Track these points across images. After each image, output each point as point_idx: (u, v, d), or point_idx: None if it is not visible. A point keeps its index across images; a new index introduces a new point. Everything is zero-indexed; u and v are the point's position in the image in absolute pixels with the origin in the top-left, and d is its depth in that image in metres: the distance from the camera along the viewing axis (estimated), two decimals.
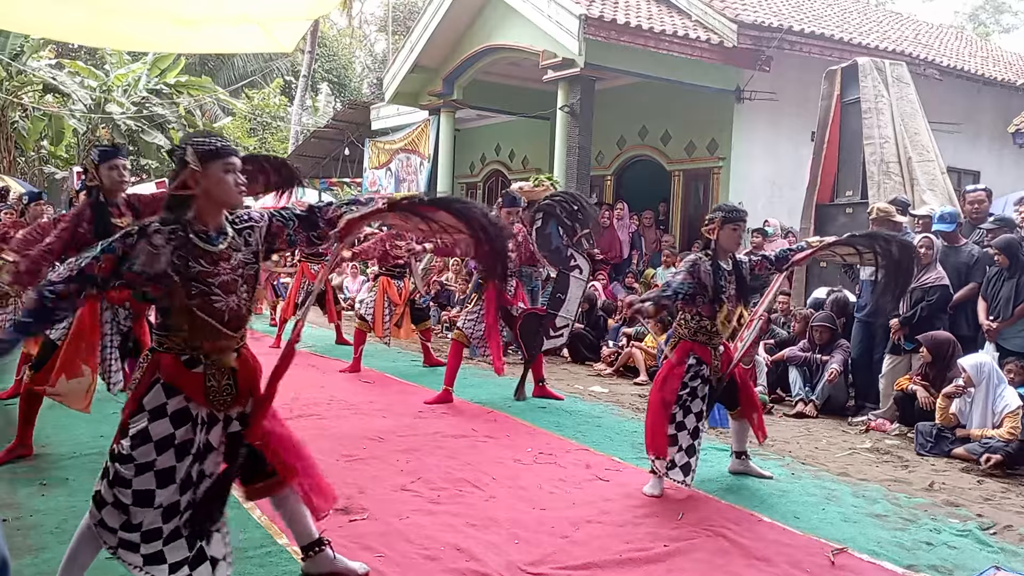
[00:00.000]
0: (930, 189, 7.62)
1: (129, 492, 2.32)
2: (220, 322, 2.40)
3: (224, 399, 2.46)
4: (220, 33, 5.74)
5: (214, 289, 2.38)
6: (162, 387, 2.40)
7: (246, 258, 2.47)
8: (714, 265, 4.05)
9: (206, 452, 2.45)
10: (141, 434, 2.35)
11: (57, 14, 5.15)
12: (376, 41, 37.51)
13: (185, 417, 2.40)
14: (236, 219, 2.50)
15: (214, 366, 2.43)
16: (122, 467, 2.33)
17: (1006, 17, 36.38)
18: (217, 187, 2.38)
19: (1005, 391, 5.14)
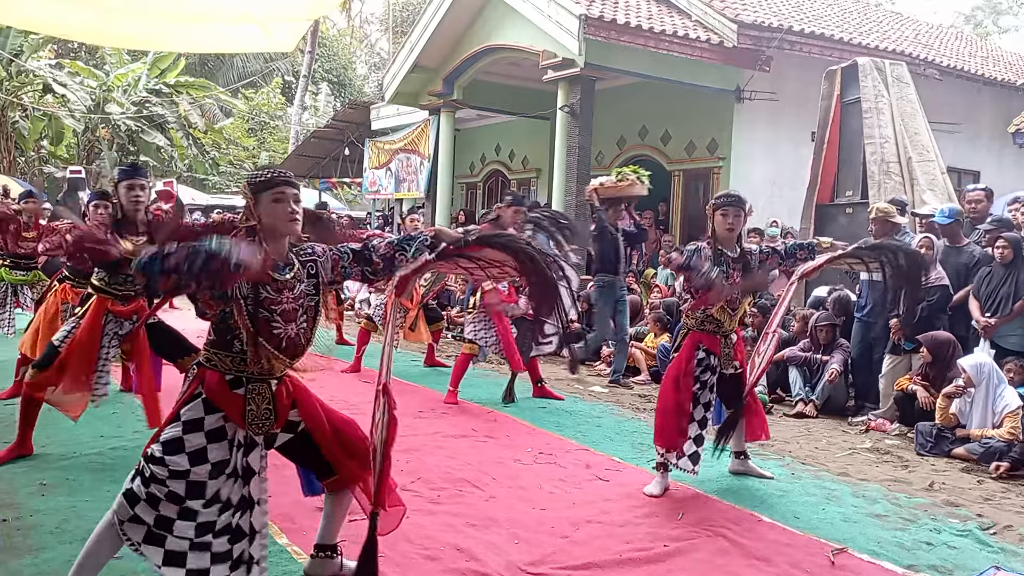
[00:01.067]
0: (930, 189, 7.63)
1: (165, 490, 2.34)
2: (277, 348, 2.47)
3: (263, 423, 2.49)
4: (220, 33, 5.74)
5: (275, 316, 2.46)
6: (203, 402, 2.44)
7: (308, 289, 2.55)
8: (715, 252, 4.05)
9: (247, 476, 2.47)
10: (174, 441, 2.38)
11: (59, 11, 5.16)
12: (377, 41, 37.52)
13: (220, 435, 2.43)
14: (301, 251, 2.58)
15: (255, 391, 2.48)
16: (156, 468, 2.35)
17: (1003, 18, 36.37)
18: (268, 216, 2.46)
19: (1005, 391, 5.14)
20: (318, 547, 2.86)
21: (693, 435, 4.04)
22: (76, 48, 24.07)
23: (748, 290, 4.23)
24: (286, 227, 2.48)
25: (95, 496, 3.61)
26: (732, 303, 4.08)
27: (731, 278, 4.03)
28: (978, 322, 5.86)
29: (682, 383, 4.02)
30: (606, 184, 7.13)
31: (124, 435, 4.69)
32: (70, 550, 2.99)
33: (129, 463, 4.11)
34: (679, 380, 4.03)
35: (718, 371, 4.12)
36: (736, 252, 4.09)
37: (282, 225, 2.48)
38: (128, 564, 2.86)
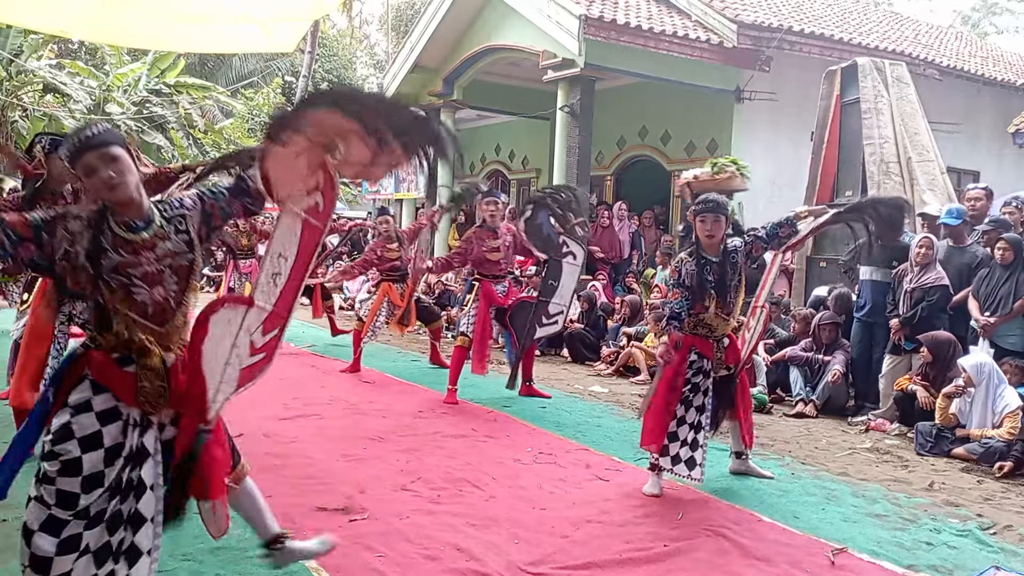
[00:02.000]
0: (930, 189, 7.63)
1: (53, 490, 2.17)
2: (142, 315, 2.25)
3: (157, 401, 2.29)
4: (221, 33, 5.75)
5: (135, 280, 2.23)
6: (90, 383, 2.25)
7: (176, 247, 2.31)
8: (698, 261, 4.01)
9: (140, 457, 2.28)
10: (62, 428, 2.20)
11: (60, 10, 5.17)
12: (377, 42, 37.54)
13: (113, 416, 2.25)
14: (167, 206, 2.35)
15: (146, 366, 2.27)
16: (47, 464, 2.18)
17: (999, 19, 36.37)
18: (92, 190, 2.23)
19: (1005, 391, 5.15)
20: (265, 544, 2.72)
21: (689, 440, 4.02)
22: (76, 48, 24.07)
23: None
24: (110, 197, 2.20)
25: None
26: (726, 308, 4.05)
27: (718, 282, 4.01)
28: (977, 321, 5.86)
29: (673, 386, 4.00)
30: (701, 177, 6.33)
31: None
32: None
33: None
34: (671, 383, 4.02)
35: (711, 375, 4.09)
36: (720, 256, 4.04)
37: (107, 196, 2.20)
38: None
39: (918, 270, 6.05)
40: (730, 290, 4.04)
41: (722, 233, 4.01)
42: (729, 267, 4.03)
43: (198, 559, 2.99)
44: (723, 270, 4.02)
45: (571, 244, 6.10)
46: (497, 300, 6.25)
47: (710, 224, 3.97)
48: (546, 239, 6.03)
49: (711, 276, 4.00)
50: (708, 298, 4.00)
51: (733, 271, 4.04)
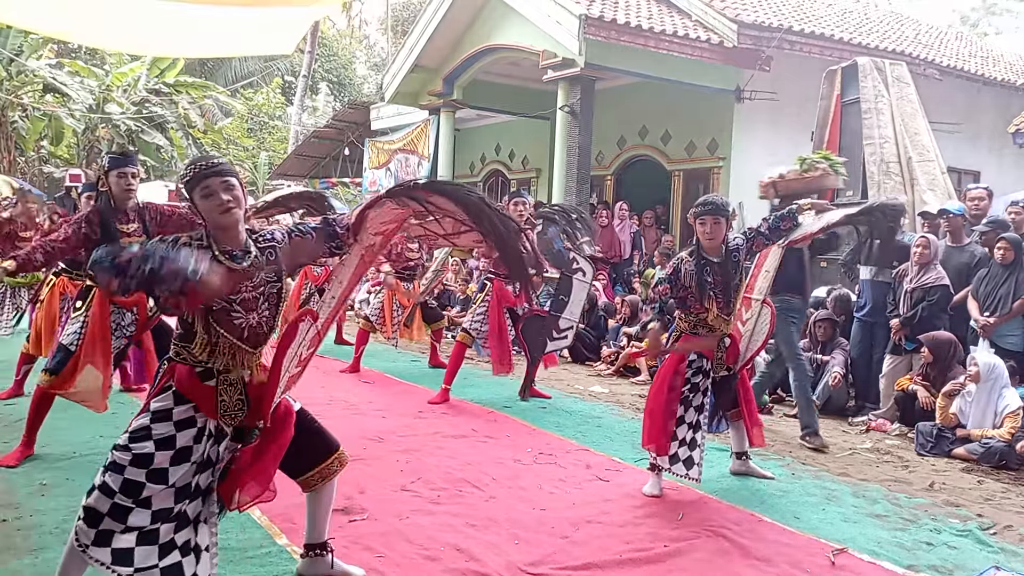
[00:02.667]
0: (930, 189, 7.63)
1: (120, 479, 2.30)
2: (239, 338, 2.43)
3: (235, 414, 2.47)
4: (220, 36, 5.74)
5: (235, 306, 2.42)
6: (173, 394, 2.41)
7: (268, 276, 2.50)
8: (698, 262, 3.98)
9: (206, 466, 2.45)
10: (142, 430, 2.36)
11: (59, 15, 5.16)
12: (377, 43, 37.53)
13: (189, 424, 2.41)
14: (259, 238, 2.54)
15: (226, 381, 2.45)
16: (119, 454, 2.33)
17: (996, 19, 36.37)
18: (206, 213, 2.42)
19: (1007, 391, 5.15)
20: (307, 546, 2.85)
21: (687, 439, 4.00)
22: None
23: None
24: (222, 220, 2.40)
25: None
26: (726, 308, 4.02)
27: (718, 284, 3.98)
28: (977, 321, 5.86)
29: (672, 385, 3.99)
30: (788, 176, 5.71)
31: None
32: None
33: None
34: (670, 382, 4.00)
35: (710, 375, 4.07)
36: (722, 256, 4.00)
37: (218, 219, 2.40)
38: None
39: (918, 270, 6.05)
40: (731, 290, 4.02)
41: (723, 235, 3.97)
42: (731, 267, 4.00)
43: None
44: (724, 271, 3.99)
45: (580, 261, 6.24)
46: (510, 300, 6.26)
47: (710, 226, 3.93)
48: (557, 255, 6.14)
49: (711, 277, 3.96)
50: (709, 299, 3.97)
51: (735, 271, 4.02)
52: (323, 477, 2.76)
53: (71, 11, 5.09)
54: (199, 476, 2.43)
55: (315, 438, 2.77)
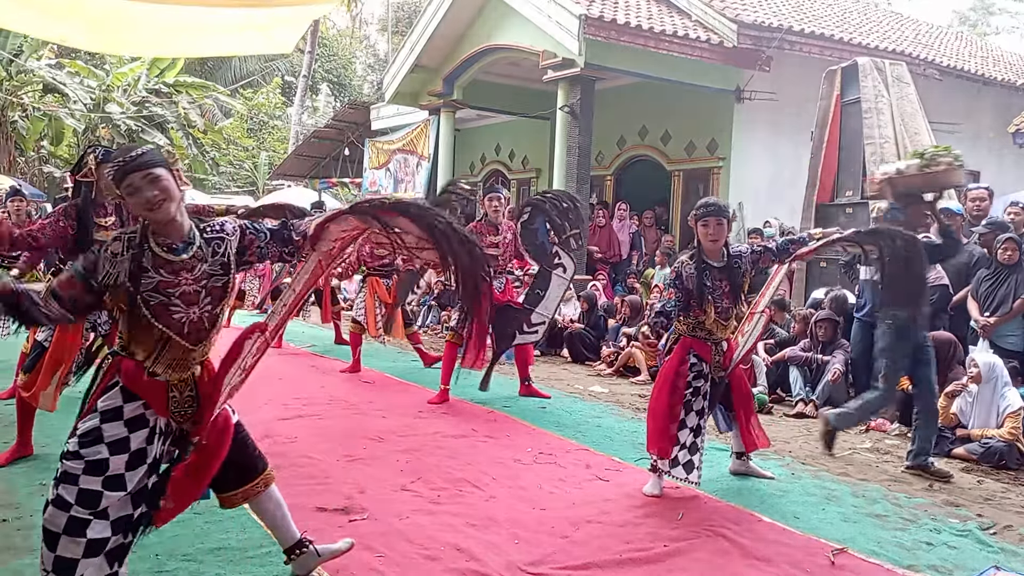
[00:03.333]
0: None
1: (75, 490, 2.21)
2: (178, 334, 2.34)
3: (186, 411, 2.41)
4: (219, 36, 5.74)
5: (173, 299, 2.33)
6: (120, 390, 2.34)
7: (212, 270, 2.40)
8: (699, 266, 3.97)
9: (158, 465, 2.39)
10: (92, 432, 2.28)
11: (58, 19, 5.16)
12: (377, 42, 37.52)
13: (141, 424, 2.34)
14: (207, 228, 2.45)
15: (178, 378, 2.39)
16: (69, 463, 2.24)
17: (995, 19, 36.38)
18: (134, 208, 2.35)
19: (1007, 391, 5.15)
20: (287, 552, 2.79)
21: (688, 443, 4.00)
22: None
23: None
24: (152, 216, 2.32)
25: None
26: (724, 314, 4.01)
27: (719, 288, 3.97)
28: (977, 322, 5.86)
29: (674, 388, 3.99)
30: (907, 171, 5.05)
31: None
32: None
33: None
34: (672, 385, 4.00)
35: (708, 378, 4.07)
36: (723, 261, 3.99)
37: (148, 216, 2.32)
38: (128, 565, 2.86)
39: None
40: (728, 296, 4.00)
41: (725, 237, 3.96)
42: (731, 273, 3.98)
43: (198, 559, 2.99)
44: (724, 276, 3.98)
45: (563, 256, 6.08)
46: (493, 296, 6.22)
47: (713, 228, 3.91)
48: (539, 247, 6.03)
49: (710, 282, 3.96)
50: (707, 303, 3.97)
51: (736, 277, 4.00)
52: (246, 498, 2.66)
53: (71, 16, 5.08)
54: (149, 478, 2.36)
55: (245, 456, 2.64)
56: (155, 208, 2.30)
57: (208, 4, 4.98)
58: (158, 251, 2.33)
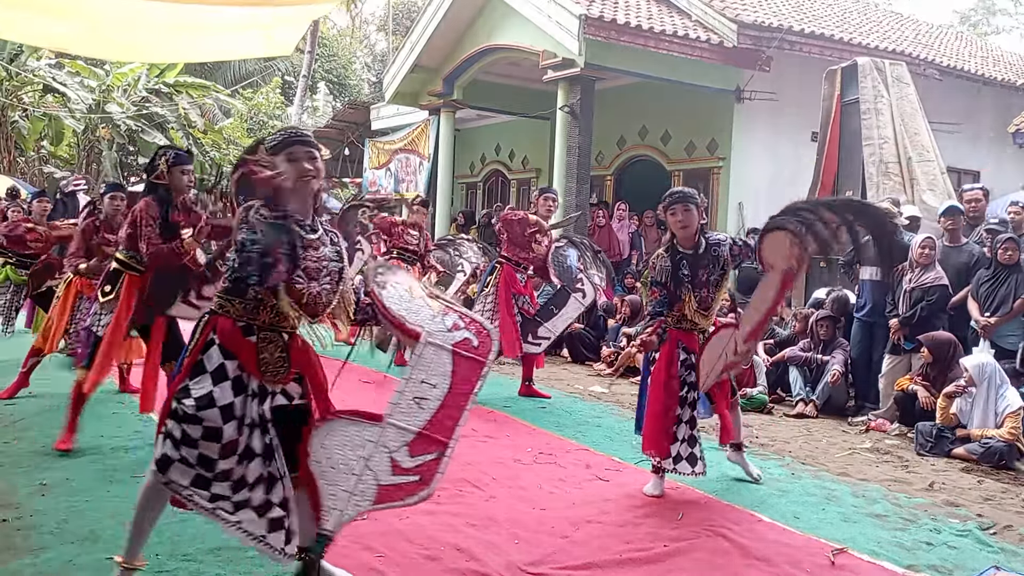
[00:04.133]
0: (930, 189, 7.63)
1: (196, 453, 2.38)
2: (298, 302, 2.50)
3: (276, 372, 2.51)
4: (220, 40, 5.74)
5: (299, 271, 2.48)
6: (219, 349, 2.46)
7: (331, 254, 2.61)
8: (674, 256, 3.96)
9: (264, 424, 2.49)
10: (207, 397, 2.40)
11: (56, 25, 5.16)
12: (377, 42, 37.52)
13: (242, 386, 2.46)
14: (326, 221, 2.67)
15: (267, 339, 2.50)
16: (189, 427, 2.38)
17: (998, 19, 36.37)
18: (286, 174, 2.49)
19: (1007, 391, 5.15)
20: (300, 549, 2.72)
21: (685, 437, 4.00)
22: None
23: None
24: (301, 186, 2.51)
25: (95, 496, 3.61)
26: (704, 303, 3.99)
27: (695, 276, 3.93)
28: (977, 322, 5.86)
29: (669, 388, 3.98)
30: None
31: (124, 435, 4.68)
32: (70, 550, 3.00)
33: (129, 463, 4.13)
34: (666, 386, 3.98)
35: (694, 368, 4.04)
36: (701, 248, 3.95)
37: (297, 184, 2.50)
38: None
39: (918, 270, 6.05)
40: (708, 285, 3.96)
41: (695, 223, 3.94)
42: (708, 261, 3.94)
43: (198, 559, 2.99)
44: (701, 263, 3.94)
45: (586, 284, 6.30)
46: (516, 286, 6.29)
47: (680, 214, 3.93)
48: (566, 270, 6.24)
49: (687, 270, 3.93)
50: (685, 292, 3.94)
51: (713, 266, 3.95)
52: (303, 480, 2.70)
53: (71, 24, 5.08)
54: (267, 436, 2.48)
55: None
56: (308, 180, 2.51)
57: (209, 3, 4.98)
58: (296, 228, 2.48)
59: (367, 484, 2.51)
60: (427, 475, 2.52)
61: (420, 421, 2.54)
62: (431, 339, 2.57)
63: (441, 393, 2.56)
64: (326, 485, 2.53)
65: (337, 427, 2.55)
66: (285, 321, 2.54)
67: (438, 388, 2.56)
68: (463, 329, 2.61)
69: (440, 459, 2.54)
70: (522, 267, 6.36)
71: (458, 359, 2.58)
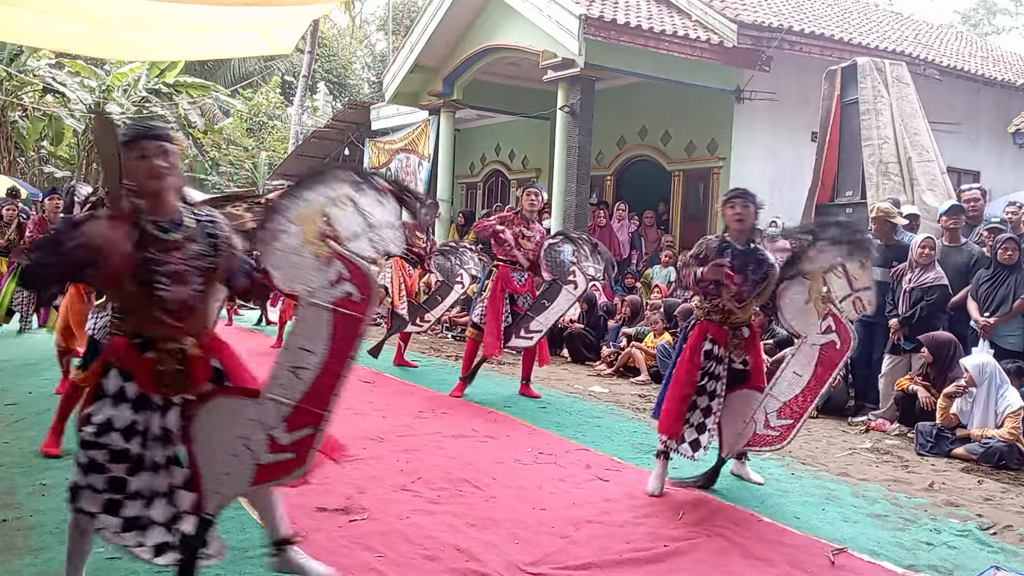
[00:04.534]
0: (930, 189, 7.63)
1: (103, 478, 2.36)
2: (164, 310, 2.39)
3: (176, 384, 2.43)
4: (219, 38, 5.74)
5: (161, 278, 2.37)
6: (118, 371, 2.42)
7: (204, 250, 2.45)
8: (721, 244, 4.04)
9: (168, 437, 2.44)
10: (107, 423, 2.37)
11: (56, 25, 5.16)
12: (377, 42, 37.52)
13: (146, 403, 2.42)
14: (200, 211, 2.51)
15: (163, 350, 2.41)
16: (95, 453, 2.36)
17: (1000, 18, 36.37)
18: (134, 176, 2.36)
19: (1007, 391, 5.15)
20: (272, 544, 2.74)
21: (696, 423, 4.03)
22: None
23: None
24: (151, 185, 2.36)
25: None
26: (739, 296, 4.00)
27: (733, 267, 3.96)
28: (977, 322, 5.86)
29: (690, 374, 4.00)
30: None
31: None
32: None
33: None
34: (688, 373, 4.01)
35: (726, 363, 4.05)
36: (747, 246, 4.04)
37: (147, 183, 2.36)
38: (129, 564, 2.86)
39: (918, 270, 6.05)
40: (747, 283, 4.00)
41: (751, 221, 4.04)
42: (753, 261, 4.00)
43: None
44: (745, 259, 4.00)
45: (578, 275, 6.25)
46: (513, 286, 6.32)
47: (739, 208, 4.01)
48: (559, 264, 6.23)
49: (729, 259, 3.97)
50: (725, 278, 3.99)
51: (756, 266, 4.00)
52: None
53: (72, 23, 5.08)
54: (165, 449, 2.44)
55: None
56: (159, 178, 2.36)
57: (209, 2, 4.98)
58: (150, 229, 2.37)
59: (246, 464, 2.41)
60: (303, 452, 2.43)
61: (297, 393, 2.39)
62: (312, 298, 2.39)
63: (319, 360, 2.39)
64: (207, 468, 2.44)
65: (217, 407, 2.44)
66: (179, 331, 2.43)
67: (316, 354, 2.39)
68: (346, 281, 2.40)
69: (315, 434, 2.42)
70: (518, 265, 6.37)
71: (338, 318, 2.39)
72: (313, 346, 2.39)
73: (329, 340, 2.38)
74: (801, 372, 3.81)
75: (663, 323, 7.86)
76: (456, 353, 8.97)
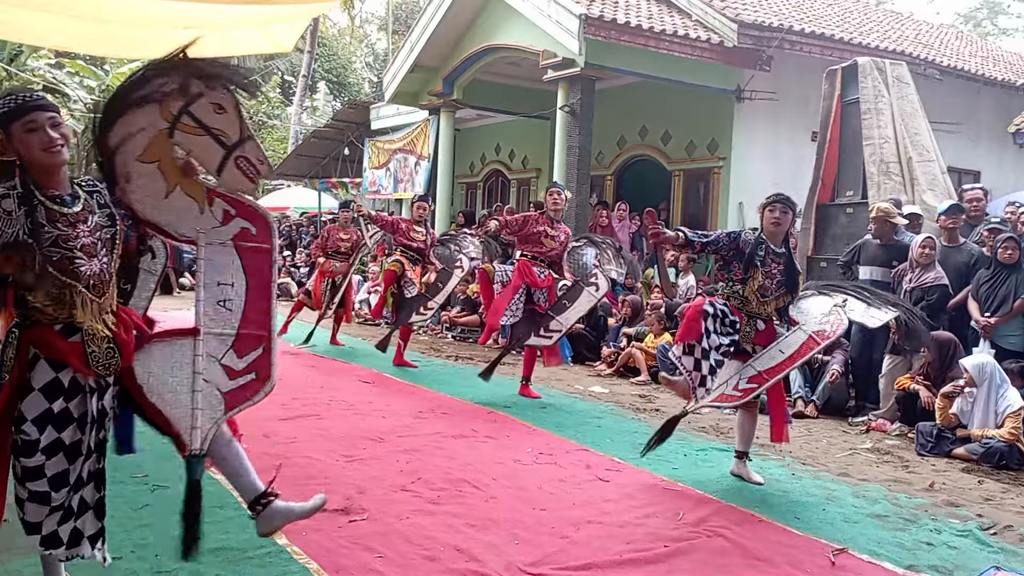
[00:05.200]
0: (930, 189, 7.62)
1: (45, 481, 2.28)
2: (85, 286, 2.31)
3: (108, 364, 2.37)
4: (220, 36, 5.73)
5: (76, 252, 2.28)
6: (46, 362, 2.29)
7: (102, 221, 2.38)
8: (757, 239, 4.22)
9: (103, 420, 2.42)
10: (43, 416, 2.27)
11: (57, 23, 5.15)
12: (377, 41, 37.52)
13: (78, 389, 2.34)
14: (83, 183, 2.41)
15: (91, 331, 2.33)
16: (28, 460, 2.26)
17: (1002, 19, 36.38)
18: (25, 150, 2.24)
19: (1008, 391, 5.14)
20: (251, 505, 2.67)
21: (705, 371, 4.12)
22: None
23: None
24: (44, 158, 2.24)
25: None
26: (764, 290, 4.19)
27: (769, 266, 4.19)
28: (977, 322, 5.86)
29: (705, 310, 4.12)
30: None
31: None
32: None
33: (129, 463, 4.12)
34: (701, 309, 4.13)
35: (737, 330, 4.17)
36: (782, 249, 4.25)
37: (40, 156, 2.23)
38: (128, 564, 2.86)
39: (918, 270, 6.05)
40: (773, 278, 4.21)
41: (786, 227, 4.29)
42: (785, 263, 4.23)
43: (198, 559, 2.97)
44: (778, 260, 4.22)
45: (600, 277, 6.39)
46: (534, 278, 6.34)
47: (779, 213, 4.24)
48: (581, 267, 6.38)
49: (763, 253, 4.18)
50: (754, 269, 4.17)
51: (787, 268, 4.23)
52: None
53: (72, 22, 5.08)
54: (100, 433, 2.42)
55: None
56: (54, 152, 2.25)
57: (209, 1, 4.98)
58: (50, 205, 2.27)
59: (211, 395, 2.50)
60: (263, 370, 2.55)
61: (235, 321, 2.52)
62: (208, 240, 2.48)
63: (242, 289, 2.53)
64: (171, 409, 2.48)
65: (155, 352, 2.48)
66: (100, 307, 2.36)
67: (236, 285, 2.52)
68: (236, 218, 2.49)
69: (268, 352, 2.55)
70: (539, 260, 6.41)
71: (243, 251, 2.51)
72: (229, 279, 2.53)
73: (243, 271, 2.53)
74: (785, 351, 4.08)
75: (662, 324, 7.86)
76: (456, 353, 8.98)
